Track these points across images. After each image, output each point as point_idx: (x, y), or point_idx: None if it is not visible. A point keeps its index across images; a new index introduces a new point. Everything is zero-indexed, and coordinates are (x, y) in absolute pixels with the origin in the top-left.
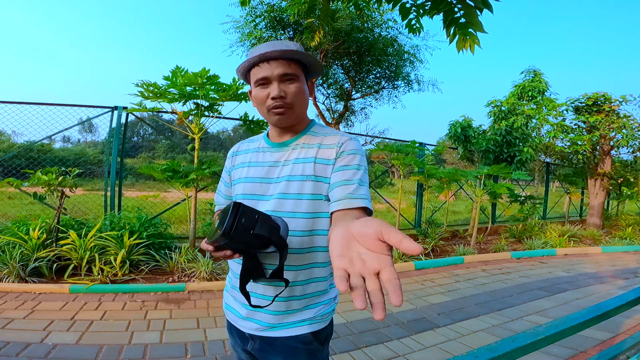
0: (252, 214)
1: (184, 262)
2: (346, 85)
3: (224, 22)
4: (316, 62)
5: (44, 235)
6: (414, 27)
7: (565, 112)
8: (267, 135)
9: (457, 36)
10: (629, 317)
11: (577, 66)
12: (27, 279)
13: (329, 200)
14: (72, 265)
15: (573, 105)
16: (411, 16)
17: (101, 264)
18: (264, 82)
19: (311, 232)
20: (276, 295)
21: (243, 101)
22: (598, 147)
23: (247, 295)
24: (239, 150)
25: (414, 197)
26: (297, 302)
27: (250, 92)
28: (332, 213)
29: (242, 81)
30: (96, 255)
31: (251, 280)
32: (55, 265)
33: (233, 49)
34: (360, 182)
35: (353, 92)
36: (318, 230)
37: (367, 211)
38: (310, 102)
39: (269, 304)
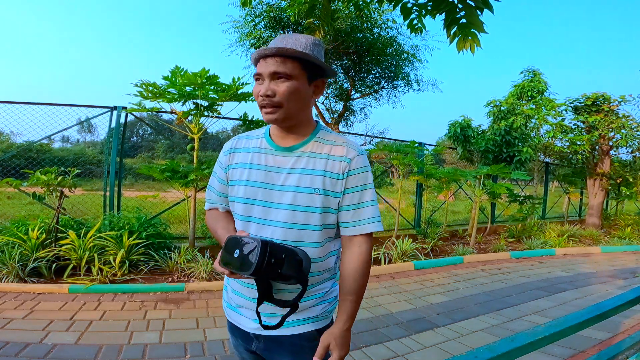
0: (279, 253)
1: (184, 262)
2: (345, 85)
3: (223, 22)
4: (319, 61)
5: (43, 235)
6: (416, 26)
7: (564, 112)
8: (270, 134)
9: (458, 36)
10: (628, 317)
11: (577, 66)
12: (26, 279)
13: (337, 212)
14: (71, 265)
15: (572, 105)
16: (413, 15)
17: (100, 264)
18: (259, 78)
19: (323, 242)
20: (284, 317)
21: (243, 101)
22: (597, 147)
23: (259, 316)
24: (237, 147)
25: (414, 197)
26: (302, 303)
27: None
28: (343, 233)
29: (241, 81)
30: (95, 255)
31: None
32: (54, 265)
33: (232, 49)
34: (370, 203)
35: (352, 92)
36: (328, 238)
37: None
38: None
39: (277, 325)
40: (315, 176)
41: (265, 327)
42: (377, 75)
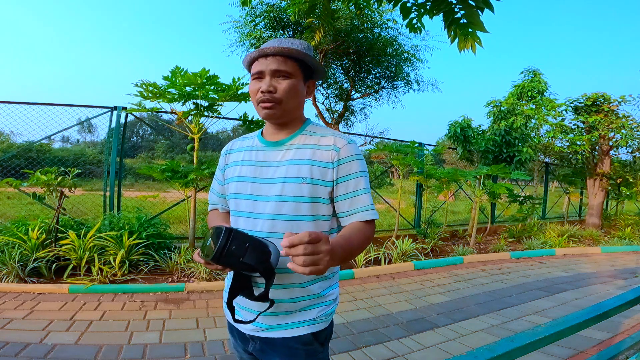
0: (243, 241)
1: (184, 262)
2: (346, 85)
3: (223, 22)
4: (317, 64)
5: (43, 236)
6: (415, 26)
7: (564, 112)
8: (262, 133)
9: (459, 36)
10: (628, 317)
11: (577, 66)
12: (26, 279)
13: (331, 201)
14: (71, 266)
15: (572, 105)
16: (412, 15)
17: (100, 264)
18: (259, 76)
19: None
20: (260, 312)
21: (243, 101)
22: (597, 147)
23: (232, 309)
24: (233, 149)
25: (414, 197)
26: (297, 303)
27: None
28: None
29: (241, 82)
30: (95, 255)
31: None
32: (54, 265)
33: (233, 49)
34: (364, 191)
35: (352, 92)
36: (324, 232)
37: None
38: (310, 102)
39: (254, 320)
40: (302, 165)
41: (237, 321)
42: (377, 75)
